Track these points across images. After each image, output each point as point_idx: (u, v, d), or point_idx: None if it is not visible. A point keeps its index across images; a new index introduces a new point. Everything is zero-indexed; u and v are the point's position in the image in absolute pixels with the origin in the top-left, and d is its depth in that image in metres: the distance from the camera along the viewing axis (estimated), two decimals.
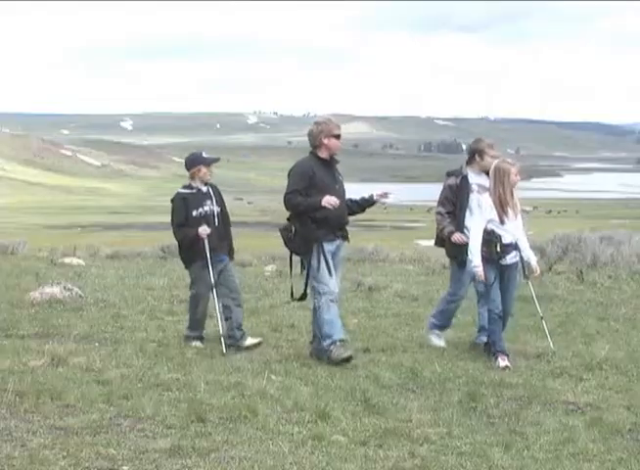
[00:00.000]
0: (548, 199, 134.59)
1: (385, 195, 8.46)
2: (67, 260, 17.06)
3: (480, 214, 8.23)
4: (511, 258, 8.34)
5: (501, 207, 8.21)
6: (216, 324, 8.82)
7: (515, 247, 8.34)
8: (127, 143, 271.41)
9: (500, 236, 8.23)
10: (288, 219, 8.30)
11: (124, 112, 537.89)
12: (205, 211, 8.84)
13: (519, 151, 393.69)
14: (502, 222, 8.22)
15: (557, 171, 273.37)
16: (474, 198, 8.39)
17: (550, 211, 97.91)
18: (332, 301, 8.19)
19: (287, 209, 8.27)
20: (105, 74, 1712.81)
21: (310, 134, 8.32)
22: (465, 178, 8.75)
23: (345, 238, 8.42)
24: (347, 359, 7.95)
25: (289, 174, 8.29)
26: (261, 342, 8.84)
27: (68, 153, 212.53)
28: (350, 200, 8.50)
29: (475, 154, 8.82)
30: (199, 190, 8.93)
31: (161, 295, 12.06)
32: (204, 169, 8.95)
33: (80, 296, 11.57)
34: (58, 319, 9.97)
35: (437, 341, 8.98)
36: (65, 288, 11.61)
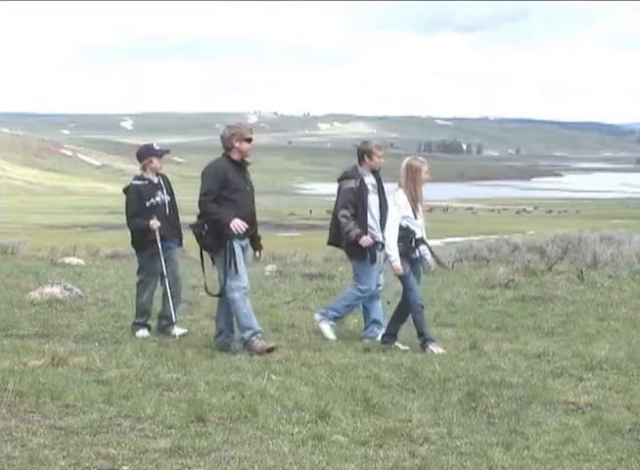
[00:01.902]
0: (548, 199, 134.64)
1: (257, 259, 9.18)
2: (67, 260, 17.05)
3: (397, 211, 8.62)
4: (420, 252, 8.78)
5: (413, 202, 8.66)
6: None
7: (423, 241, 8.79)
8: (127, 143, 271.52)
9: (414, 231, 8.67)
10: (198, 217, 8.60)
11: (124, 112, 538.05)
12: (157, 202, 9.32)
13: (519, 151, 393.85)
14: (415, 217, 8.68)
15: (557, 171, 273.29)
16: (391, 196, 8.84)
17: (550, 211, 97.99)
18: (246, 294, 8.54)
19: (200, 210, 8.57)
20: (105, 74, 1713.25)
21: (223, 137, 8.64)
22: (363, 181, 9.17)
23: (254, 234, 8.76)
24: (271, 350, 8.30)
25: (202, 175, 8.60)
26: (186, 333, 9.25)
27: (69, 153, 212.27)
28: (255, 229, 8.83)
29: (364, 155, 9.28)
30: (150, 181, 9.39)
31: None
32: (155, 161, 9.41)
33: (80, 296, 11.58)
34: (58, 319, 9.97)
35: (331, 334, 9.17)
36: (65, 288, 11.61)
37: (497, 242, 20.19)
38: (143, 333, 9.26)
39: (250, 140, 8.67)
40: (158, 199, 9.32)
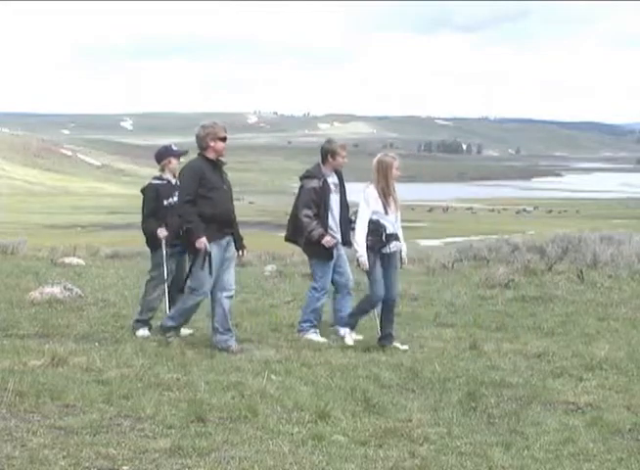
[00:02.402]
0: (548, 199, 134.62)
1: (241, 258, 9.33)
2: (67, 260, 17.05)
3: (366, 207, 8.74)
4: (393, 247, 8.88)
5: (384, 198, 8.78)
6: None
7: (396, 237, 8.89)
8: (127, 143, 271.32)
9: (385, 226, 8.76)
10: (179, 216, 8.75)
11: (124, 111, 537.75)
12: (175, 202, 9.29)
13: (519, 151, 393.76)
14: (386, 213, 8.78)
15: (557, 171, 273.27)
16: (362, 193, 8.89)
17: (550, 211, 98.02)
18: (200, 299, 8.76)
19: (179, 212, 8.73)
20: (105, 74, 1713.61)
21: (198, 137, 8.76)
22: (326, 181, 9.28)
23: (235, 234, 8.86)
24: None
25: (179, 176, 8.84)
26: (192, 333, 9.34)
27: (69, 153, 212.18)
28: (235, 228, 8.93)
29: (328, 154, 9.36)
30: (169, 181, 9.50)
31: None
32: (174, 161, 9.56)
33: (80, 296, 11.57)
34: (58, 319, 9.97)
35: (318, 337, 9.21)
36: (65, 288, 11.60)
37: (497, 242, 20.19)
38: (143, 332, 9.26)
39: (224, 139, 8.76)
40: (175, 199, 9.31)
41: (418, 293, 12.53)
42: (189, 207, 8.56)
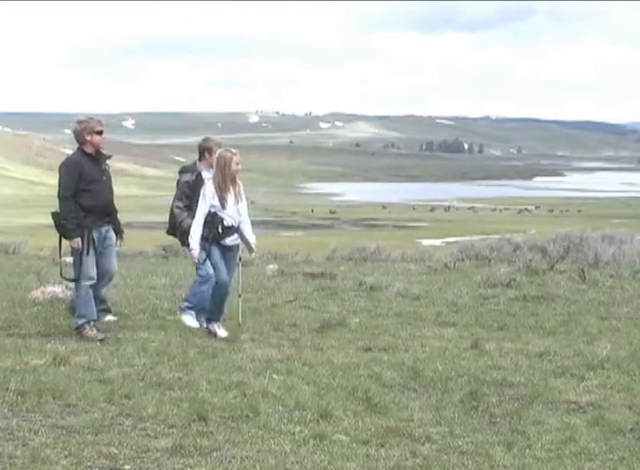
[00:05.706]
0: (550, 198, 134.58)
1: (118, 245, 9.54)
2: (68, 259, 17.03)
3: (203, 201, 9.04)
4: (231, 240, 9.18)
5: (221, 192, 9.01)
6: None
7: (236, 230, 9.13)
8: (129, 142, 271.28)
9: (222, 219, 9.00)
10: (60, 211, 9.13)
11: (126, 111, 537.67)
12: None
13: (521, 150, 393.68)
14: (223, 207, 9.01)
15: (559, 171, 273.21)
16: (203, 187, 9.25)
17: (552, 211, 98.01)
18: (91, 285, 9.09)
19: (59, 206, 9.09)
20: (107, 74, 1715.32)
21: (74, 132, 9.23)
22: (200, 175, 9.69)
23: (113, 223, 9.29)
24: (102, 340, 8.70)
25: (59, 170, 9.22)
26: (116, 319, 9.74)
27: (70, 152, 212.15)
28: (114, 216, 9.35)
29: (204, 151, 9.80)
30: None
31: (163, 294, 12.04)
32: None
33: None
34: (59, 318, 9.96)
35: (192, 322, 9.61)
36: (66, 287, 11.59)
37: (499, 241, 20.20)
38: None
39: (100, 132, 9.11)
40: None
41: (419, 292, 12.52)
42: (68, 203, 8.97)
